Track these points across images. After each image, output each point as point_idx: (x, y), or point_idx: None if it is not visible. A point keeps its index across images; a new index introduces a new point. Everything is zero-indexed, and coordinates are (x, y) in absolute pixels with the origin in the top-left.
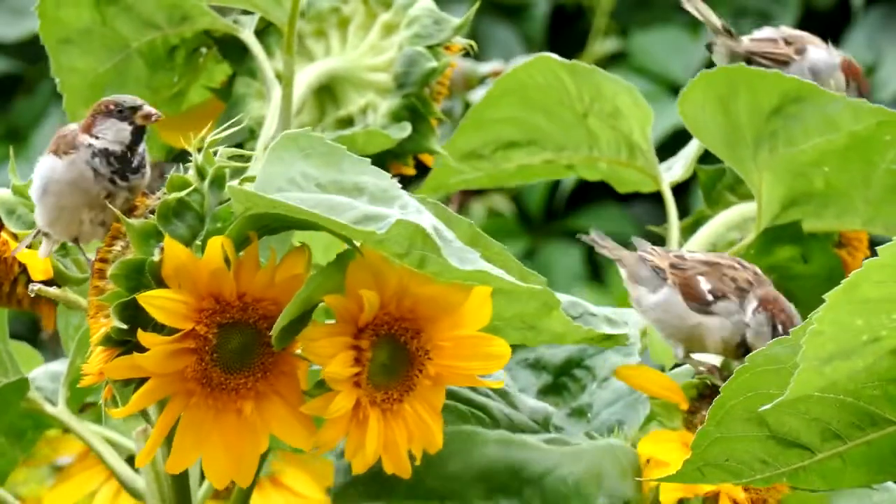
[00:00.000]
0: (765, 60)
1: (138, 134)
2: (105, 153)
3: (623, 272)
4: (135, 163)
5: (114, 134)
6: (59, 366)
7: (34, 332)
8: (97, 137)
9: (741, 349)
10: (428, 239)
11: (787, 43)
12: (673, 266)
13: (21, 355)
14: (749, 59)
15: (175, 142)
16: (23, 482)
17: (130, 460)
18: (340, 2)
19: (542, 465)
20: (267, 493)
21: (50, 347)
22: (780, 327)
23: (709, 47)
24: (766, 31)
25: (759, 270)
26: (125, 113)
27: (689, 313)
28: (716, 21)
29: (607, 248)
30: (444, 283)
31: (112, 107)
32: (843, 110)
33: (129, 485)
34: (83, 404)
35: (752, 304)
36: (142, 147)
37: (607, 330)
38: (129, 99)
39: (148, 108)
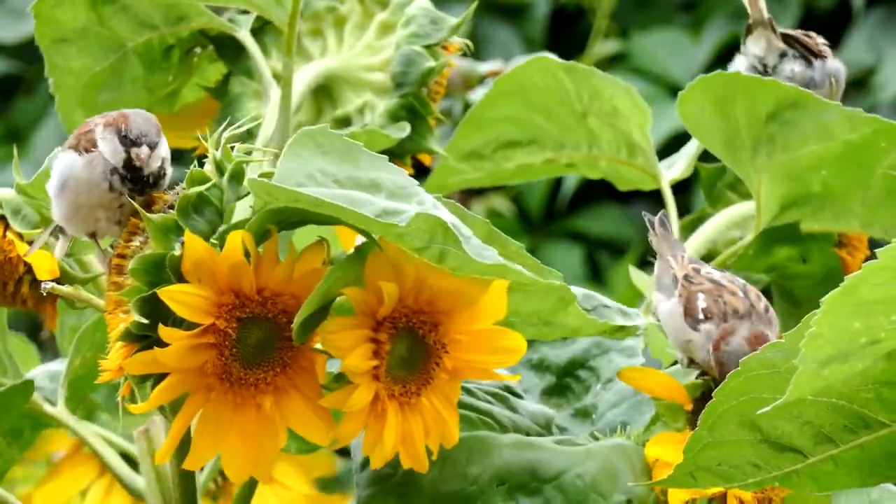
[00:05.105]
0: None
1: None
2: (119, 173)
3: (655, 270)
4: (151, 178)
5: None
6: (59, 366)
7: (34, 332)
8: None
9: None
10: (449, 232)
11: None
12: (686, 278)
13: (19, 351)
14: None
15: (171, 140)
16: (20, 481)
17: (124, 459)
18: (337, 1)
19: (556, 464)
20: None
21: (50, 347)
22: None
23: (748, 29)
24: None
25: (758, 304)
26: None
27: (685, 328)
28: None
29: (656, 237)
30: (461, 277)
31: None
32: (839, 119)
33: (129, 485)
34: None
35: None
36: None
37: (621, 321)
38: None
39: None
